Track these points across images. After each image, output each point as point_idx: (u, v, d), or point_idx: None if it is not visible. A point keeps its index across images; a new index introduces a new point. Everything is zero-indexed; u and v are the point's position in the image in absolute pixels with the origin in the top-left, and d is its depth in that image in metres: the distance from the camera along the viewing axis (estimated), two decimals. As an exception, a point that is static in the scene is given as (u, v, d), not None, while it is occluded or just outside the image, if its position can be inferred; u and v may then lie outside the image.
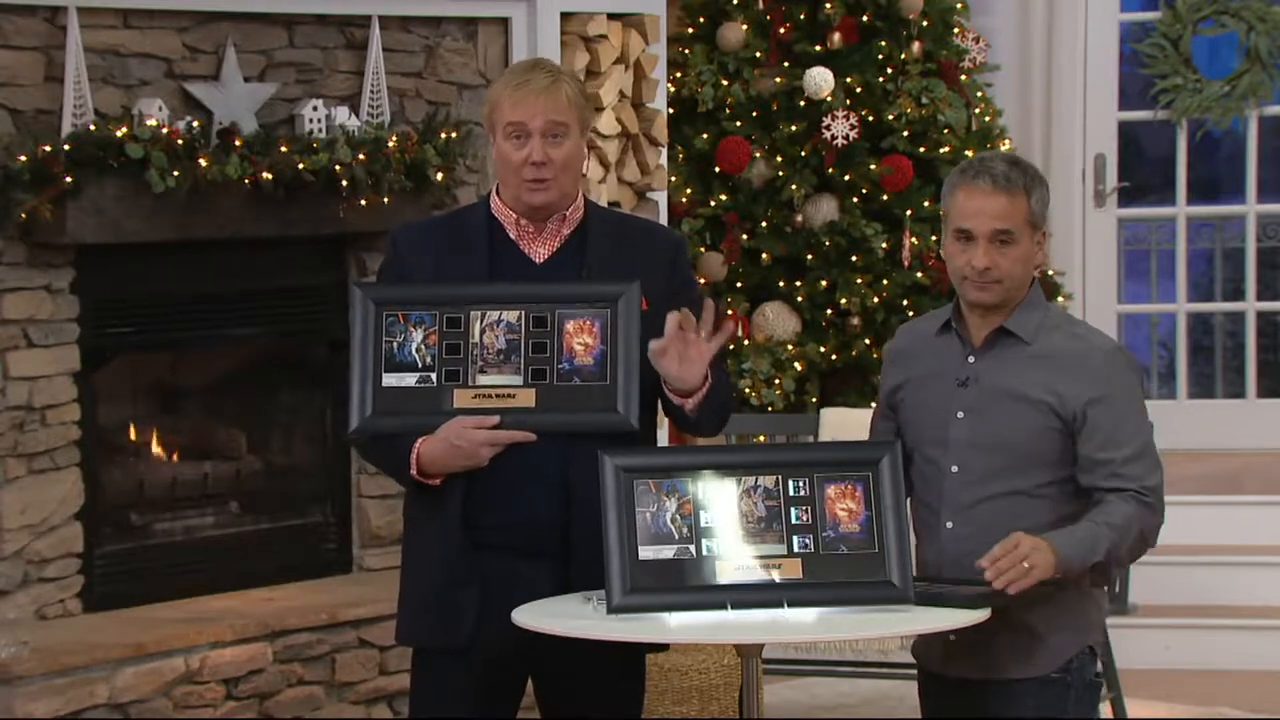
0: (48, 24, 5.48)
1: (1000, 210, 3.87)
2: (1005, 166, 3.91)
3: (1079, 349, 3.90)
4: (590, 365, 3.88)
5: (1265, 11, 7.92)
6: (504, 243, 3.98)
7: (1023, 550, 3.71)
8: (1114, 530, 3.80)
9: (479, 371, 3.88)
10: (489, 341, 3.89)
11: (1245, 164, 8.08)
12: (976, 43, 7.46)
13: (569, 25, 6.52)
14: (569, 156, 3.93)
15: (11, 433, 5.49)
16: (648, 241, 4.07)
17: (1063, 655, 3.91)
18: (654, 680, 5.84)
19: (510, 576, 3.90)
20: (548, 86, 3.91)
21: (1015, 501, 3.87)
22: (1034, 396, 3.86)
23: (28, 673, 5.21)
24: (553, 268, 3.97)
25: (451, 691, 3.98)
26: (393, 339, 3.89)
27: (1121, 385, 3.88)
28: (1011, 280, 3.90)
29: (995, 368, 3.92)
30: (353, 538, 6.24)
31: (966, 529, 3.88)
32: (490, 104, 3.98)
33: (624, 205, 6.71)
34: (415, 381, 3.88)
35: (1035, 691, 3.90)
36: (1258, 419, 8.06)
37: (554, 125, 3.91)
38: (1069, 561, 3.76)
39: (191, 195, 5.53)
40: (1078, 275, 7.88)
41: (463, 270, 3.96)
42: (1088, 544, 3.78)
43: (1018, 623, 3.83)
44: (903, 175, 7.15)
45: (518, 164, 3.91)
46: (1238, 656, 6.93)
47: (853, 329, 7.15)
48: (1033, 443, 3.87)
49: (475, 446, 3.84)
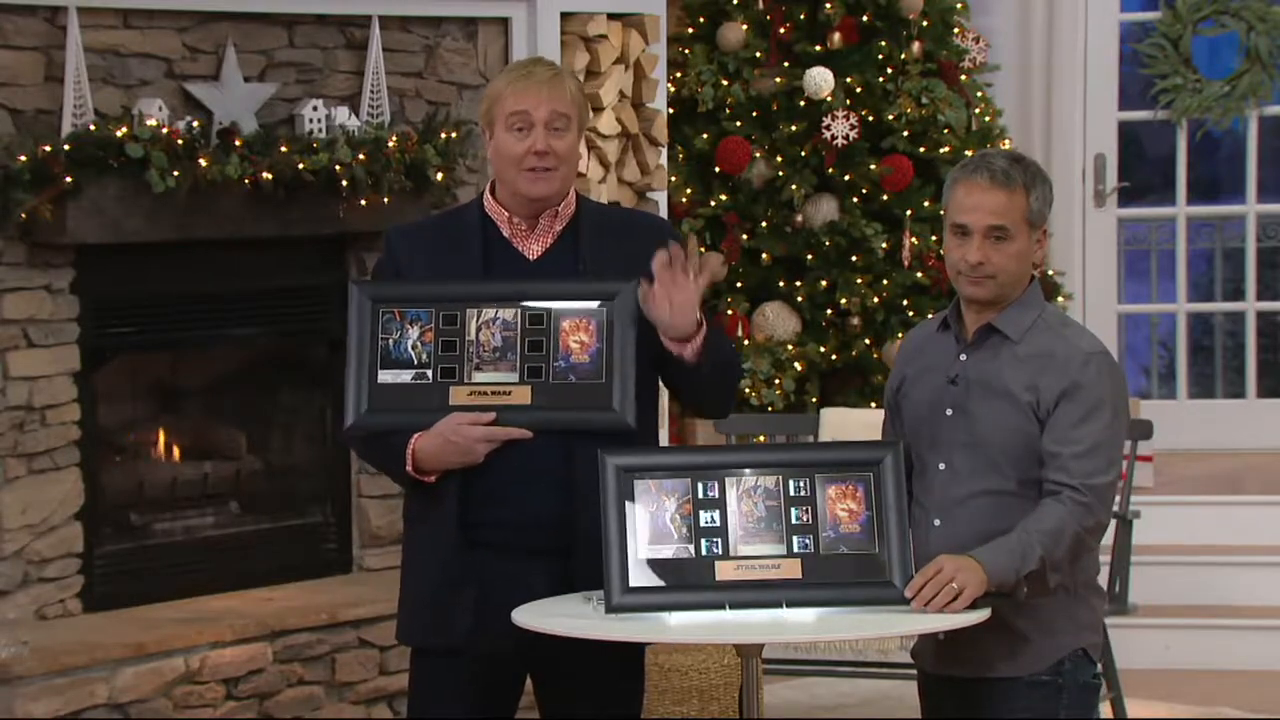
0: (48, 24, 5.49)
1: (997, 206, 3.87)
2: (1006, 163, 3.91)
3: (1062, 350, 3.89)
4: (586, 363, 3.88)
5: (1265, 11, 7.93)
6: (497, 240, 3.98)
7: (946, 573, 3.69)
8: (1045, 536, 3.77)
9: (475, 369, 3.88)
10: (485, 339, 3.89)
11: (1245, 164, 8.09)
12: (976, 43, 7.46)
13: (569, 25, 6.53)
14: (570, 149, 3.94)
15: (11, 433, 5.49)
16: (638, 230, 4.06)
17: (1052, 656, 3.90)
18: (654, 680, 5.84)
19: (508, 575, 3.89)
20: (551, 78, 3.93)
21: (999, 500, 3.86)
22: (1017, 395, 3.85)
23: (28, 673, 5.21)
24: (546, 264, 3.97)
25: (449, 691, 3.98)
26: (389, 336, 3.89)
27: (1093, 385, 3.85)
28: (1006, 275, 3.89)
29: (982, 365, 3.91)
30: (353, 538, 6.24)
31: (953, 527, 3.88)
32: (490, 98, 3.97)
33: (624, 205, 6.71)
34: (411, 378, 3.88)
35: (1025, 692, 3.89)
36: (1258, 419, 8.06)
37: (557, 116, 3.90)
38: (1000, 574, 3.73)
39: (191, 195, 5.53)
40: (1078, 275, 7.89)
41: (457, 269, 3.96)
42: (1018, 553, 3.75)
43: (1004, 623, 3.82)
44: (903, 175, 7.16)
45: (520, 154, 3.90)
46: (1238, 656, 6.93)
47: (853, 329, 7.15)
48: (1014, 441, 3.86)
49: (471, 443, 3.84)
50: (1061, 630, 3.90)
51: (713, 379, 3.97)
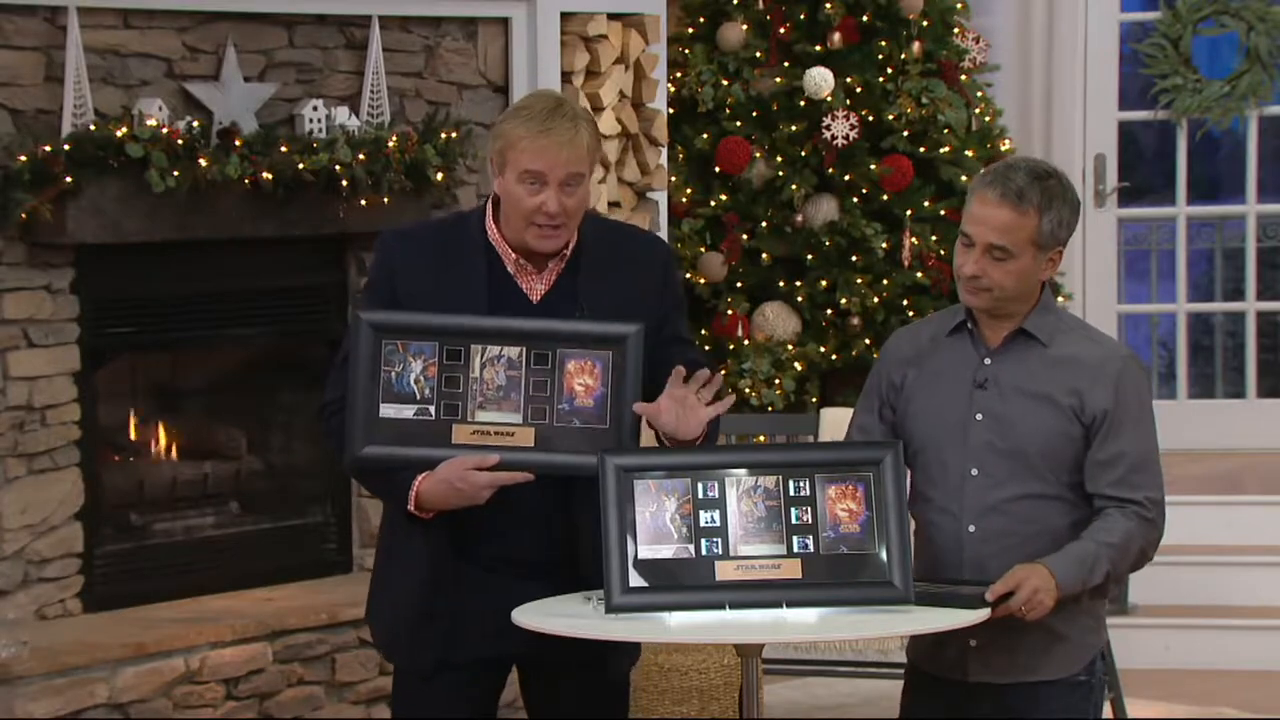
0: (48, 24, 5.49)
1: (1002, 224, 3.84)
2: (1025, 180, 3.84)
3: (1097, 354, 3.89)
4: (590, 407, 3.84)
5: (1265, 11, 7.92)
6: (501, 276, 3.91)
7: (1027, 590, 3.73)
8: (1113, 550, 3.81)
9: (478, 407, 3.84)
10: (489, 377, 3.84)
11: (1245, 164, 8.09)
12: (976, 43, 7.46)
13: (569, 25, 6.52)
14: (581, 203, 3.87)
15: (11, 433, 5.49)
16: (637, 258, 3.99)
17: (1086, 655, 3.93)
18: (654, 680, 5.84)
19: (497, 589, 3.88)
20: (571, 139, 3.81)
21: (1034, 504, 3.87)
22: (1058, 399, 3.85)
23: (28, 673, 5.21)
24: (548, 306, 3.91)
25: (430, 699, 3.96)
26: (391, 368, 3.83)
27: (1137, 394, 3.88)
28: (1002, 291, 3.87)
29: (1014, 369, 3.90)
30: (353, 538, 6.24)
31: (988, 531, 3.87)
32: (505, 141, 3.84)
33: (624, 205, 6.72)
34: (414, 414, 3.83)
35: (1066, 694, 3.91)
36: (1258, 419, 8.06)
37: (573, 176, 3.83)
38: (1070, 586, 3.78)
39: (191, 195, 5.53)
40: (1078, 275, 7.89)
41: (461, 299, 3.88)
42: (1088, 565, 3.79)
43: (1042, 625, 3.83)
44: (903, 175, 7.15)
45: (530, 210, 3.82)
46: (1238, 656, 6.93)
47: (853, 329, 7.15)
48: (1052, 445, 3.86)
49: (477, 489, 3.79)
50: (1090, 629, 3.94)
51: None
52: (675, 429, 3.81)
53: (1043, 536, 3.85)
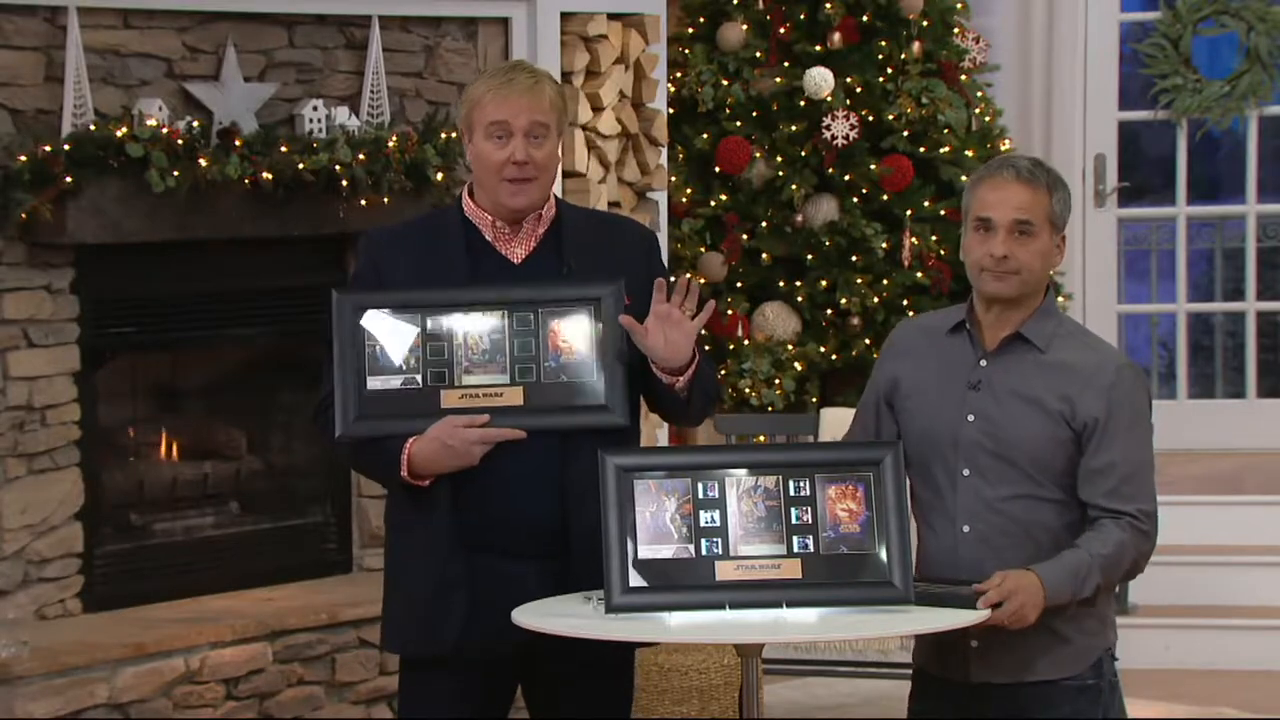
0: (48, 24, 5.49)
1: (1023, 200, 3.87)
2: (1029, 163, 3.94)
3: (1092, 361, 3.90)
4: (576, 362, 3.87)
5: (1265, 11, 7.92)
6: (480, 244, 3.96)
7: (1014, 602, 3.73)
8: (1106, 560, 3.82)
9: (465, 372, 3.87)
10: (473, 342, 3.87)
11: (1245, 164, 8.09)
12: (976, 43, 7.46)
13: (569, 25, 6.52)
14: (549, 157, 3.93)
15: (11, 433, 5.49)
16: (622, 235, 4.07)
17: (1090, 656, 3.93)
18: (654, 680, 5.84)
19: (500, 579, 3.88)
20: (531, 87, 3.90)
21: (1027, 504, 3.87)
22: (1048, 403, 3.85)
23: (28, 673, 5.21)
24: (531, 267, 3.96)
25: (439, 698, 3.96)
26: (374, 344, 3.86)
27: (1132, 403, 3.88)
28: (1029, 273, 3.89)
29: (1008, 372, 3.90)
30: (353, 538, 6.24)
31: (981, 532, 3.88)
32: (470, 103, 3.95)
33: (624, 205, 6.71)
34: (400, 384, 3.86)
35: (1072, 696, 3.91)
36: (1258, 419, 8.06)
37: (536, 126, 3.89)
38: (1058, 596, 3.79)
39: (191, 195, 5.53)
40: (1078, 275, 7.89)
41: (441, 272, 3.93)
42: (1080, 577, 3.80)
43: (1045, 625, 3.83)
44: (903, 175, 7.15)
45: (499, 163, 3.89)
46: (1238, 656, 6.93)
47: (853, 329, 7.15)
48: (1042, 448, 3.86)
49: (467, 445, 3.82)
50: (1095, 630, 3.93)
51: (694, 408, 3.97)
52: (665, 352, 3.82)
53: (1037, 537, 3.86)
